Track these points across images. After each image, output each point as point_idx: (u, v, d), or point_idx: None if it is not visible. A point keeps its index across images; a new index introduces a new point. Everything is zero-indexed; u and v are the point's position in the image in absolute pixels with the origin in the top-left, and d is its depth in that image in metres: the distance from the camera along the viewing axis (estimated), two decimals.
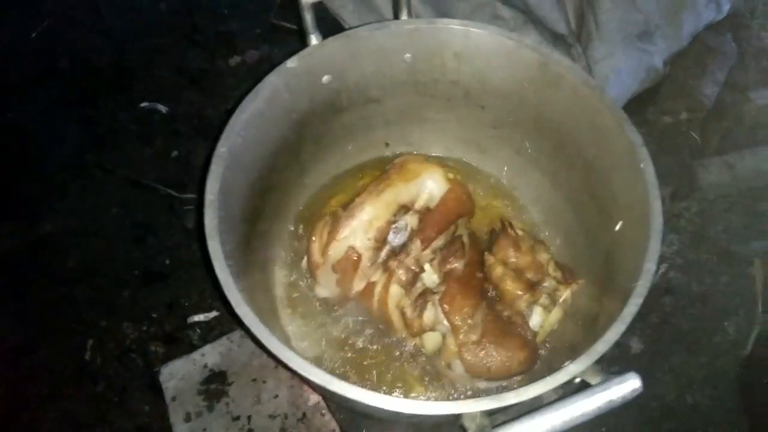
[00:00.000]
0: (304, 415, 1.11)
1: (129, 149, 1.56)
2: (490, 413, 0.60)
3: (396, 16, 0.85)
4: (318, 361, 0.91)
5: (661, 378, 1.23)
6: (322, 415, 1.10)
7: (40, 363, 1.29)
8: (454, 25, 0.83)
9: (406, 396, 0.85)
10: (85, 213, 1.47)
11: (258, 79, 0.82)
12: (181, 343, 1.30)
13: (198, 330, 1.31)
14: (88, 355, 1.30)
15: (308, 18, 0.80)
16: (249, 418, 1.11)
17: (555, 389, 0.60)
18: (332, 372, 0.74)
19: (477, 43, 0.84)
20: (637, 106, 1.51)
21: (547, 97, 0.84)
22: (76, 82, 1.68)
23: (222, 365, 1.16)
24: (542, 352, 0.89)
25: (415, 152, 1.03)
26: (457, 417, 0.60)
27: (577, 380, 0.63)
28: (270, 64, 0.93)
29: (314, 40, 0.83)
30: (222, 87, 1.65)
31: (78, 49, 1.74)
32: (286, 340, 0.91)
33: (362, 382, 0.88)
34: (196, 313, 1.31)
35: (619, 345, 1.24)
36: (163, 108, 1.62)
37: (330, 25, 1.45)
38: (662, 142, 1.49)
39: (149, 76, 1.67)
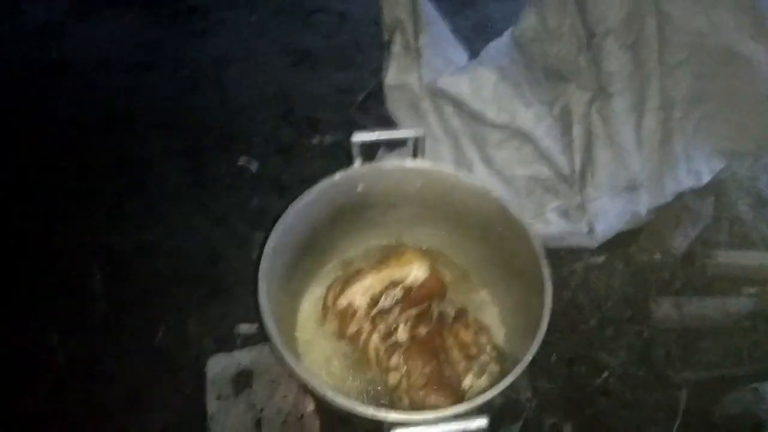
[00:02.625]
0: (302, 416, 1.46)
1: (221, 194, 2.04)
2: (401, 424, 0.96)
3: (414, 156, 1.28)
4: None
5: None
6: (315, 419, 1.47)
7: (121, 339, 1.73)
8: (448, 171, 1.25)
9: None
10: (177, 235, 1.93)
11: (328, 157, 1.24)
12: (226, 344, 1.69)
13: (241, 336, 1.70)
14: (158, 340, 1.74)
15: (355, 149, 1.24)
16: (262, 409, 1.46)
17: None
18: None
19: (463, 185, 1.25)
20: (623, 241, 1.83)
21: (503, 231, 1.24)
22: (192, 135, 2.18)
23: (251, 366, 1.52)
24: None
25: (416, 244, 1.44)
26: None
27: None
28: (341, 147, 1.32)
29: (357, 163, 1.26)
30: (300, 159, 2.10)
31: (199, 110, 2.27)
32: (297, 356, 1.31)
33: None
34: (243, 323, 1.71)
35: (554, 425, 1.57)
36: (253, 167, 2.10)
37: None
38: (635, 275, 1.81)
39: (248, 142, 2.14)
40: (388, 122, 1.93)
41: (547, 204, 1.80)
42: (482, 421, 0.91)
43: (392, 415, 0.94)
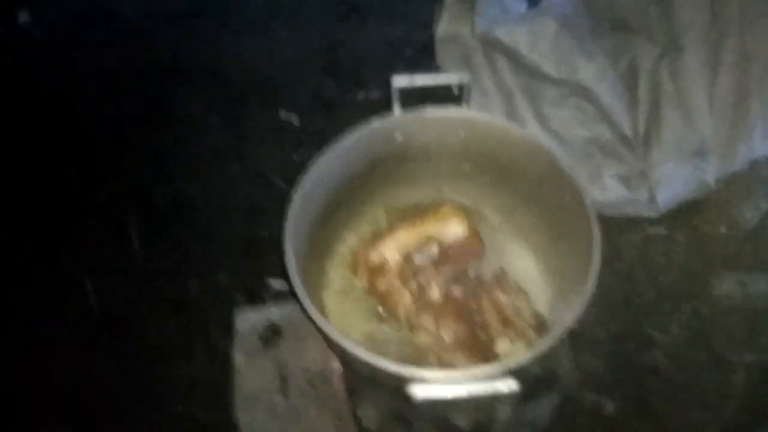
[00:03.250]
0: (329, 377, 1.43)
1: (262, 148, 2.00)
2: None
3: (459, 104, 1.18)
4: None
5: None
6: (341, 381, 1.42)
7: (154, 290, 1.71)
8: (495, 121, 1.15)
9: None
10: (216, 189, 1.90)
11: (373, 113, 1.17)
12: (258, 299, 1.66)
13: (272, 292, 1.67)
14: (191, 291, 1.73)
15: (395, 95, 1.15)
16: (288, 366, 1.42)
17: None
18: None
19: (511, 138, 1.15)
20: (687, 211, 1.70)
21: (552, 188, 1.13)
22: (235, 88, 2.13)
23: (281, 322, 1.49)
24: None
25: (457, 201, 1.35)
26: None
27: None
28: (387, 103, 1.21)
29: (396, 110, 1.18)
30: (344, 114, 2.03)
31: (244, 61, 2.21)
32: (324, 309, 1.26)
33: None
34: (275, 278, 1.67)
35: (595, 402, 1.48)
36: (296, 121, 2.04)
37: None
38: (697, 248, 1.67)
39: (292, 95, 2.09)
40: None
41: (605, 169, 1.66)
42: (513, 384, 0.83)
43: (415, 372, 0.87)
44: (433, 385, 0.83)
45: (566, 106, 1.73)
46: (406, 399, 1.17)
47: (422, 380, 0.86)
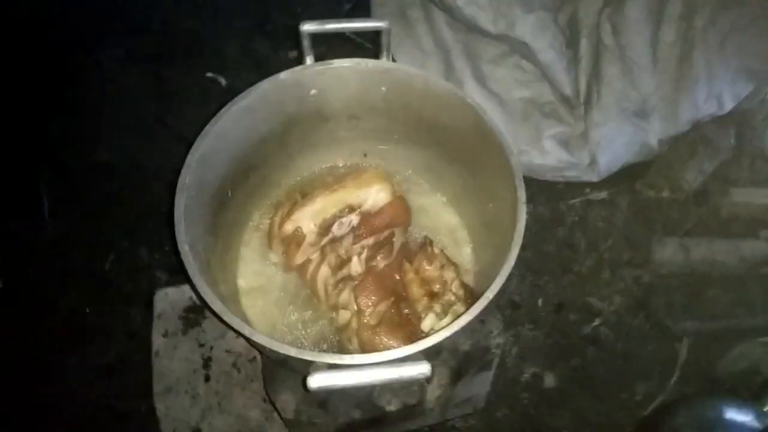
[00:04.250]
0: (254, 358, 1.33)
1: (186, 109, 1.84)
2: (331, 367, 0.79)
3: (377, 57, 1.06)
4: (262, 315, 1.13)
5: (562, 414, 1.38)
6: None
7: (67, 266, 1.58)
8: (416, 72, 1.04)
9: None
10: (135, 153, 1.75)
11: None
12: (179, 275, 1.56)
13: None
14: (107, 266, 1.60)
15: (305, 42, 1.03)
16: (211, 348, 1.32)
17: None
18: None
19: (434, 91, 1.04)
20: (628, 176, 1.63)
21: (478, 146, 1.03)
22: (158, 42, 1.96)
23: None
24: None
25: (382, 165, 1.24)
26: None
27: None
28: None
29: (308, 60, 1.05)
30: (277, 73, 1.91)
31: (169, 13, 2.02)
32: (236, 290, 1.14)
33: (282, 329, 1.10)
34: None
35: (535, 375, 1.42)
36: (223, 81, 1.89)
37: None
38: (639, 214, 1.61)
39: (219, 52, 1.94)
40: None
41: (545, 131, 1.58)
42: (424, 368, 0.74)
43: (316, 357, 0.77)
44: (330, 374, 0.74)
45: (505, 65, 1.63)
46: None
47: (327, 365, 0.77)
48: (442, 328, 0.84)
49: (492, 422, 1.38)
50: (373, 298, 1.04)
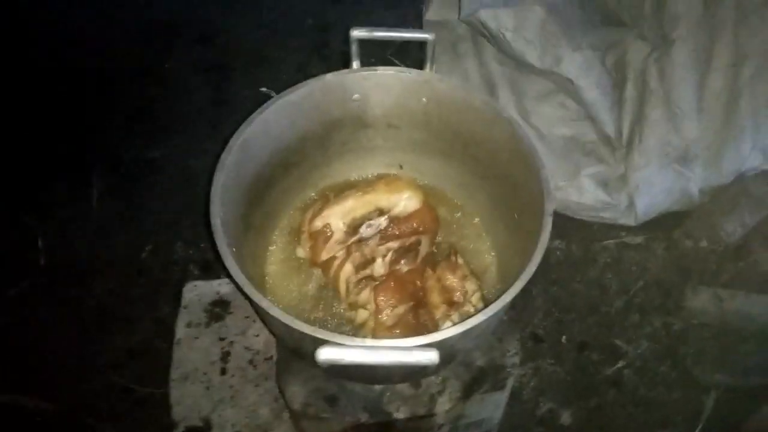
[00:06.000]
0: (271, 357, 1.35)
1: (237, 119, 1.91)
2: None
3: (422, 67, 1.10)
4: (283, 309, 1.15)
5: None
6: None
7: (107, 253, 1.65)
8: (457, 85, 1.07)
9: None
10: (185, 155, 1.84)
11: None
12: (211, 272, 1.61)
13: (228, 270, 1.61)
14: (144, 255, 1.66)
15: (353, 48, 1.08)
16: (231, 342, 1.34)
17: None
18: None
19: (472, 105, 1.07)
20: (666, 223, 1.62)
21: (511, 162, 1.05)
22: (221, 55, 2.09)
23: (230, 297, 1.40)
24: None
25: (417, 177, 1.26)
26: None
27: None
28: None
29: (355, 65, 1.10)
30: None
31: (233, 29, 2.15)
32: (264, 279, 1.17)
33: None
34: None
35: (551, 411, 1.39)
36: (275, 96, 1.97)
37: None
38: (675, 261, 1.58)
39: (276, 69, 2.04)
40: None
41: (583, 168, 1.58)
42: (432, 354, 0.74)
43: (328, 336, 0.79)
44: (341, 348, 0.75)
45: (549, 102, 1.66)
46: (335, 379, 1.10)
47: (335, 344, 0.78)
48: None
49: None
50: (393, 300, 1.05)
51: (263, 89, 1.98)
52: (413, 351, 0.75)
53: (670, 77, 1.44)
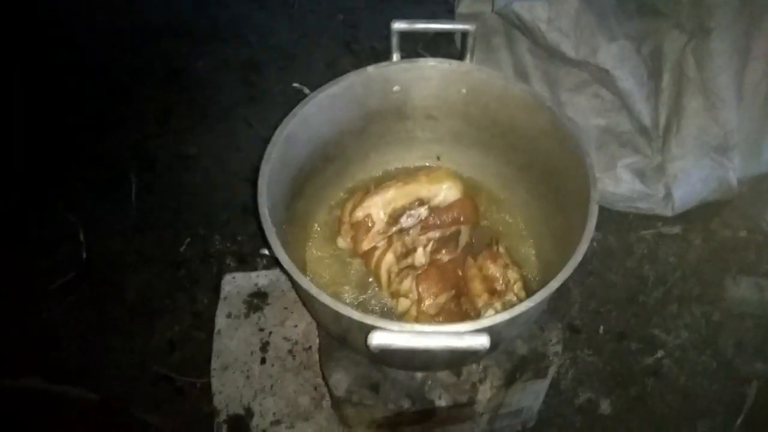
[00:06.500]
0: (310, 347, 1.37)
1: (270, 114, 1.95)
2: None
3: (461, 58, 1.11)
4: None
5: None
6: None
7: (146, 246, 1.69)
8: (496, 75, 1.08)
9: None
10: (220, 150, 1.87)
11: None
12: (247, 264, 1.63)
13: (264, 260, 1.64)
14: (182, 248, 1.69)
15: (394, 40, 1.09)
16: (270, 333, 1.36)
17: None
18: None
19: (511, 94, 1.07)
20: (704, 213, 1.60)
21: (552, 151, 1.05)
22: (252, 52, 2.12)
23: (268, 289, 1.42)
24: None
25: (455, 168, 1.27)
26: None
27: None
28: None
29: (395, 57, 1.11)
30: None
31: (264, 27, 2.19)
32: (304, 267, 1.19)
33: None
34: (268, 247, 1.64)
35: (590, 400, 1.38)
36: (308, 91, 1.99)
37: None
38: (713, 251, 1.57)
39: (307, 65, 2.07)
40: None
41: (620, 159, 1.57)
42: (483, 339, 0.75)
43: (376, 321, 0.80)
44: (393, 333, 0.76)
45: (583, 93, 1.65)
46: (378, 366, 1.11)
47: (384, 329, 0.79)
48: None
49: None
50: (434, 289, 1.06)
51: (296, 84, 2.00)
52: (464, 336, 0.76)
53: (708, 67, 1.43)
